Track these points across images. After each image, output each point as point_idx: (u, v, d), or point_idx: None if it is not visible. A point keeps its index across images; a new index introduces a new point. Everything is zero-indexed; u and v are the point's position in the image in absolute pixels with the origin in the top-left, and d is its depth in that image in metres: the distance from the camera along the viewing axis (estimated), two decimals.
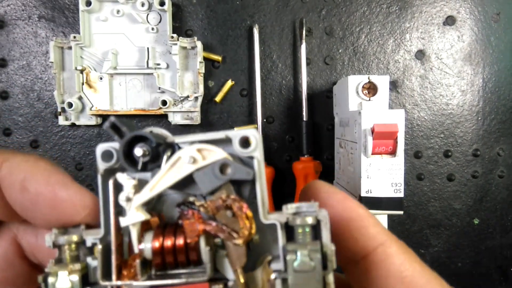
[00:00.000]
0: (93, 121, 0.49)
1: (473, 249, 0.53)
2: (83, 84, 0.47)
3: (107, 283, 0.17)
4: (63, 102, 0.48)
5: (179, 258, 0.17)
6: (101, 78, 0.48)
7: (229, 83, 0.50)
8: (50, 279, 0.17)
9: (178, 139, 0.17)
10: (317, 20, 0.51)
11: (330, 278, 0.16)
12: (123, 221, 0.17)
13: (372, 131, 0.34)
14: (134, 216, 0.17)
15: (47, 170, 0.18)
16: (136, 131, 0.17)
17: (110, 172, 0.18)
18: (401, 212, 0.36)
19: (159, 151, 0.17)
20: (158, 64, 0.48)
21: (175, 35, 0.46)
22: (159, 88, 0.48)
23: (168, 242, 0.17)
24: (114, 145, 0.17)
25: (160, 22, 0.48)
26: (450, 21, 0.51)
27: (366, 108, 0.40)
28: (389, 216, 0.43)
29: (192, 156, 0.17)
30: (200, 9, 0.50)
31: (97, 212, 0.18)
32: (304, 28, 0.49)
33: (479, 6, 0.51)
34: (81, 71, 0.47)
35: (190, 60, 0.49)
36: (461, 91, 0.51)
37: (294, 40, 0.51)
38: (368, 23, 0.51)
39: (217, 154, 0.17)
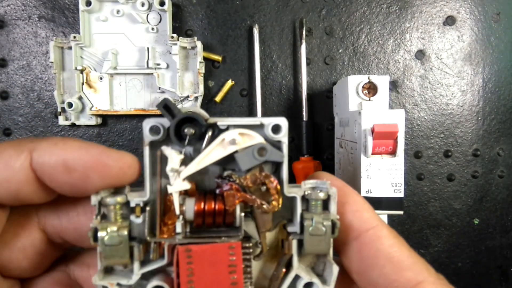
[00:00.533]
0: (93, 121, 0.49)
1: (473, 249, 0.53)
2: (83, 84, 0.47)
3: (153, 239, 0.19)
4: (63, 102, 0.48)
5: (217, 220, 0.20)
6: (101, 78, 0.48)
7: (229, 83, 0.50)
8: (100, 234, 0.19)
9: (219, 122, 0.20)
10: (317, 20, 0.51)
11: (331, 240, 0.20)
12: (171, 189, 0.19)
13: (372, 131, 0.34)
14: (180, 185, 0.19)
15: (82, 147, 0.19)
16: (185, 113, 0.19)
17: (152, 145, 0.20)
18: (401, 212, 0.36)
19: (203, 131, 0.20)
20: (158, 64, 0.48)
21: (175, 35, 0.46)
22: (159, 88, 0.48)
23: (209, 206, 0.19)
24: (161, 121, 0.20)
25: (160, 22, 0.48)
26: (450, 21, 0.51)
27: (366, 108, 0.40)
28: (389, 216, 0.43)
29: (235, 138, 0.19)
30: (200, 9, 0.50)
31: (139, 170, 0.20)
32: (304, 28, 0.49)
33: (479, 6, 0.51)
34: (81, 71, 0.47)
35: (190, 60, 0.49)
36: (461, 91, 0.51)
37: (294, 40, 0.51)
38: (368, 23, 0.51)
39: (256, 138, 0.20)
